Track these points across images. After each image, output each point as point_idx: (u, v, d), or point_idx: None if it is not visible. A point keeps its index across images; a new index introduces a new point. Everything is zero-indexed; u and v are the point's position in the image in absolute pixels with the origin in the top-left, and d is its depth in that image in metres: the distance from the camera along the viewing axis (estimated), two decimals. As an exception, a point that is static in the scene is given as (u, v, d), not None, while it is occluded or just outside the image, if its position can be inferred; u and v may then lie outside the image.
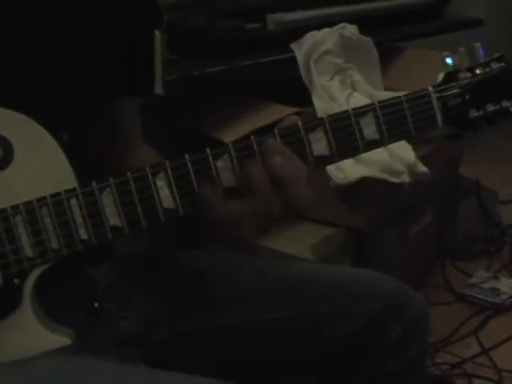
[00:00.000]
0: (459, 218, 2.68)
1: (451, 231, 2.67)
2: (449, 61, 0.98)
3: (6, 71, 0.96)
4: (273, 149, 0.91)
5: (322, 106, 2.08)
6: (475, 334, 2.23)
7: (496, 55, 0.99)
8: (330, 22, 2.22)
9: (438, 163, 2.25)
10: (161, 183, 0.91)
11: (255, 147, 0.92)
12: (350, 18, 2.28)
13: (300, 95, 2.11)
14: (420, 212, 2.39)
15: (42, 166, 0.92)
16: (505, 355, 2.12)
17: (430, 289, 2.48)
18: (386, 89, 2.27)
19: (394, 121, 0.95)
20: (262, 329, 1.15)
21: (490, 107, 0.97)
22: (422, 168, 2.04)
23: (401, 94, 0.96)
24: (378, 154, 1.96)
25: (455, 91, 0.96)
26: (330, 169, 1.95)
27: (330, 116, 0.94)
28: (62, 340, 0.94)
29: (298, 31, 2.17)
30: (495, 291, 2.43)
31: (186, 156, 0.91)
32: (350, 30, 2.22)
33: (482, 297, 2.42)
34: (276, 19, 2.19)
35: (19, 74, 0.98)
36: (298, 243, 1.99)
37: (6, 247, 0.90)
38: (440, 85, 0.97)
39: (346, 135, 0.94)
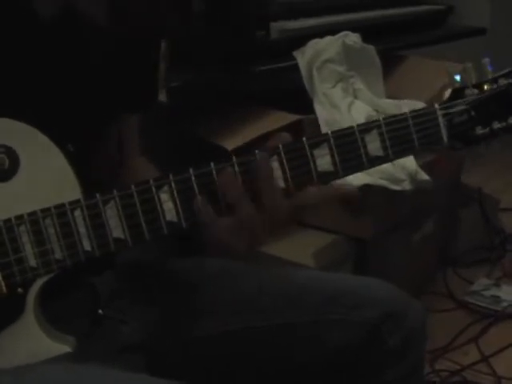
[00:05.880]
0: (461, 226, 2.68)
1: (453, 239, 2.67)
2: (457, 78, 0.98)
3: (14, 83, 0.97)
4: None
5: (324, 114, 2.09)
6: (475, 341, 2.23)
7: (504, 71, 0.98)
8: (332, 30, 2.22)
9: (440, 171, 2.25)
10: (164, 196, 0.91)
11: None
12: (352, 27, 2.28)
13: (302, 103, 2.12)
14: (421, 220, 2.39)
15: (47, 177, 0.93)
16: (504, 363, 2.12)
17: (431, 296, 2.49)
18: (389, 97, 2.27)
19: (399, 138, 0.95)
20: (261, 336, 1.15)
21: (496, 124, 0.96)
22: (424, 176, 2.04)
23: (403, 102, 0.96)
24: (380, 162, 1.96)
25: (461, 108, 0.96)
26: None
27: (335, 132, 0.94)
28: (63, 348, 0.94)
29: (300, 39, 2.18)
30: (496, 299, 2.43)
31: (190, 170, 0.92)
32: (353, 38, 2.23)
33: (482, 304, 2.42)
34: (279, 27, 2.19)
35: (26, 86, 0.98)
36: (300, 250, 1.99)
37: (9, 257, 0.91)
38: (446, 101, 0.96)
39: (351, 151, 0.94)
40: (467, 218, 2.69)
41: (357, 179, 1.93)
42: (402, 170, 2.00)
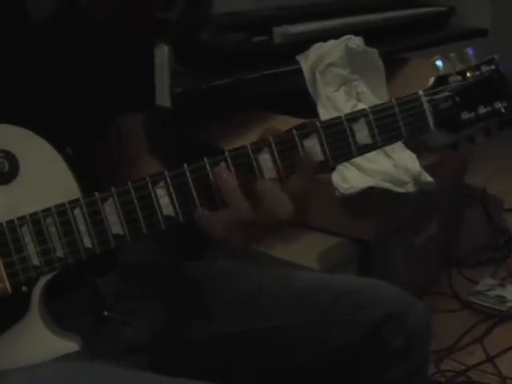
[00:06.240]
0: (465, 226, 2.68)
1: (457, 239, 2.67)
2: (439, 63, 0.98)
3: (12, 88, 0.98)
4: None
5: (327, 117, 2.09)
6: (480, 341, 2.24)
7: (486, 58, 0.98)
8: (335, 34, 2.23)
9: (444, 172, 2.26)
10: (161, 192, 0.92)
11: (251, 155, 0.93)
12: (355, 30, 2.29)
13: (306, 106, 2.13)
14: (425, 221, 2.40)
15: (46, 180, 0.94)
16: (510, 363, 2.12)
17: (435, 296, 2.49)
18: (392, 99, 2.28)
19: (386, 125, 0.95)
20: (262, 337, 1.16)
21: (482, 109, 0.96)
22: (427, 178, 2.04)
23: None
24: (384, 165, 1.97)
25: (446, 94, 0.96)
26: (336, 180, 1.96)
27: (324, 122, 0.95)
28: (70, 346, 0.95)
29: (303, 43, 2.20)
30: (501, 299, 2.43)
31: (185, 165, 0.93)
32: (356, 41, 2.24)
33: (487, 304, 2.42)
34: (282, 32, 2.21)
35: (24, 90, 0.99)
36: (304, 253, 2.00)
37: (13, 256, 0.92)
38: (431, 88, 0.97)
39: (340, 141, 0.95)
40: (471, 218, 2.69)
41: (361, 182, 1.94)
42: (406, 172, 2.00)
